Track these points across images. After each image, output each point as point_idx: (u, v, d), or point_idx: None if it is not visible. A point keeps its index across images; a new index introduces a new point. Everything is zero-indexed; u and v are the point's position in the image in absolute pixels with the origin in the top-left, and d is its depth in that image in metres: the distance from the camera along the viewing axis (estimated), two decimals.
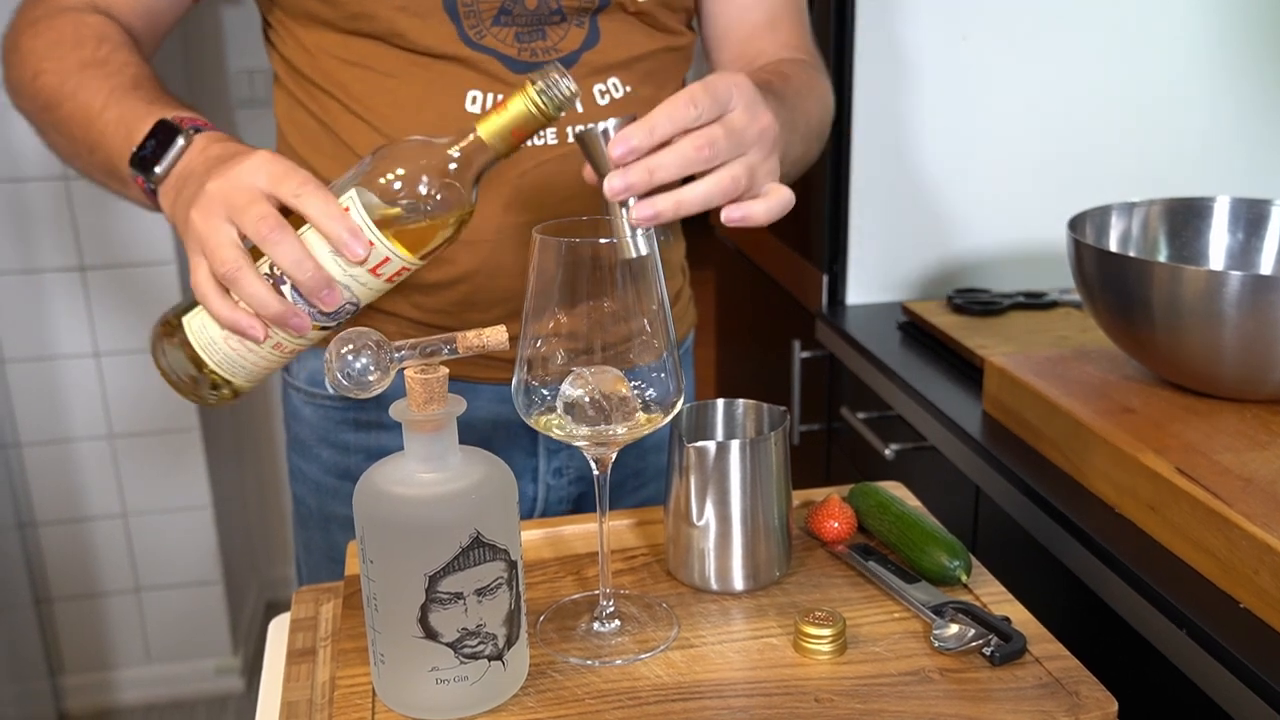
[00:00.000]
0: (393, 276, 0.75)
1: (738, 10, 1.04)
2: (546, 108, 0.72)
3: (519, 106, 0.72)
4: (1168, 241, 1.17)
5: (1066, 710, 0.66)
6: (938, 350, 1.34)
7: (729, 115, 0.74)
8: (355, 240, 0.72)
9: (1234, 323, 0.94)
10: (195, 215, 0.75)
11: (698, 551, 0.79)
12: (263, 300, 0.73)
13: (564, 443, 1.05)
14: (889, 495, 0.86)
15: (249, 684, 2.34)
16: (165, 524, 2.23)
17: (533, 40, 0.92)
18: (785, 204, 0.77)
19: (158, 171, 0.81)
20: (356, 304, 0.75)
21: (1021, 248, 1.54)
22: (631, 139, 0.71)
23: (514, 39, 0.92)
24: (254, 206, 0.73)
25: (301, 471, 1.10)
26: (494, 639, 0.66)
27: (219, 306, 0.74)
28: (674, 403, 0.71)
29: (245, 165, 0.75)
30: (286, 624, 0.85)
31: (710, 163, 0.73)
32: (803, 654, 0.71)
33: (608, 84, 0.95)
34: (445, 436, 0.65)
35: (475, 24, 0.91)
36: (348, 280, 0.73)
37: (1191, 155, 1.53)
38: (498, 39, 0.92)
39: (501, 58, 0.92)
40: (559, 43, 0.93)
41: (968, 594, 0.78)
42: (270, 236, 0.72)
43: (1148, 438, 0.93)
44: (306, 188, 0.73)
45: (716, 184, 0.74)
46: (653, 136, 0.71)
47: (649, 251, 0.70)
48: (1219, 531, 0.82)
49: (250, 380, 0.80)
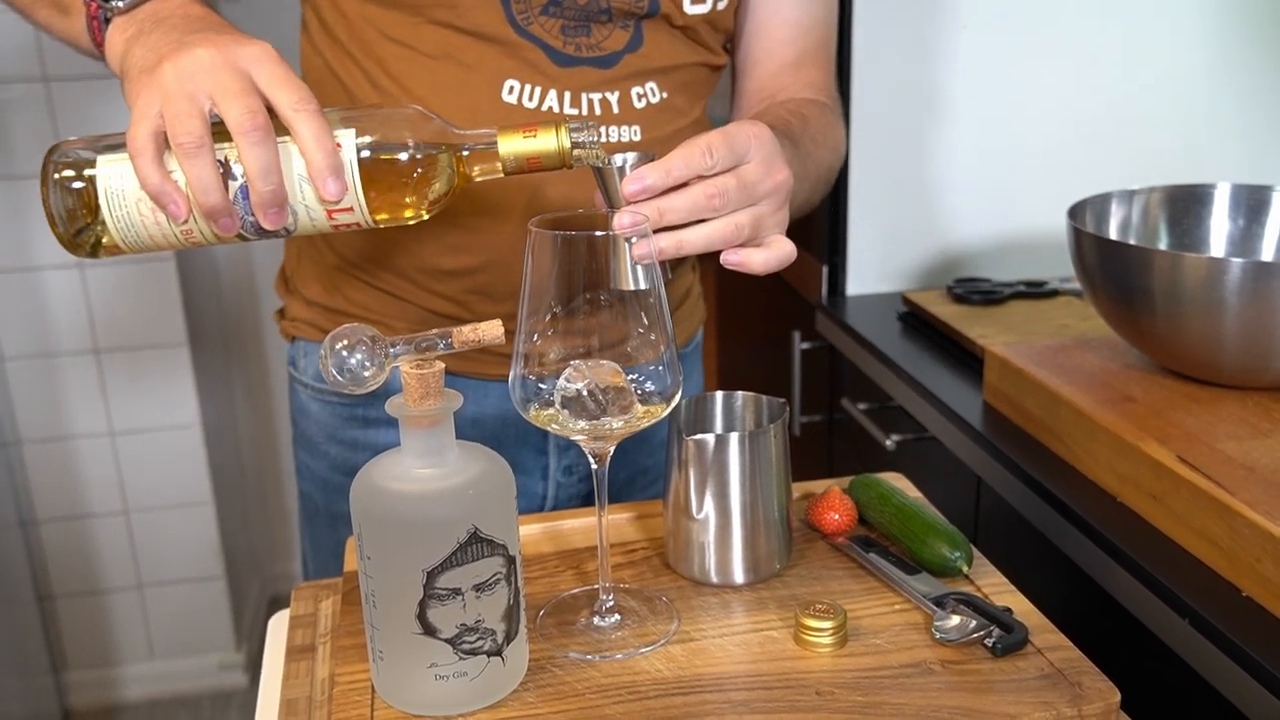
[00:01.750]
0: (340, 226, 0.73)
1: (771, 44, 1.04)
2: (569, 157, 0.73)
3: (548, 144, 0.72)
4: (1168, 229, 1.17)
5: (1069, 701, 0.65)
6: (938, 340, 1.34)
7: (744, 167, 0.76)
8: (335, 180, 0.70)
9: (1235, 310, 0.93)
10: (169, 71, 0.70)
11: (697, 545, 0.78)
12: (207, 187, 0.69)
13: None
14: (889, 486, 0.86)
15: (252, 679, 2.34)
16: (167, 520, 2.23)
17: (578, 35, 0.92)
18: (786, 258, 0.79)
19: (119, 3, 0.77)
20: (290, 231, 0.73)
21: (1021, 236, 1.54)
22: (646, 178, 0.73)
23: (560, 31, 0.91)
24: (246, 98, 0.70)
25: (308, 468, 1.10)
26: (493, 634, 0.66)
27: (149, 170, 0.69)
28: (672, 396, 0.70)
29: (246, 50, 0.72)
30: (286, 621, 0.85)
31: (719, 212, 0.75)
32: (803, 647, 0.71)
33: (645, 88, 0.95)
34: (442, 432, 0.65)
35: (524, 9, 0.90)
36: (299, 208, 0.72)
37: (1191, 142, 1.53)
38: (544, 29, 0.91)
39: (545, 47, 0.91)
40: (603, 41, 0.93)
41: (969, 585, 0.78)
42: (252, 135, 0.68)
43: (1149, 426, 0.93)
44: (307, 105, 0.70)
45: (719, 230, 0.76)
46: (667, 179, 0.73)
47: (648, 287, 0.71)
48: (1221, 520, 0.81)
49: (137, 249, 0.74)
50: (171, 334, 2.12)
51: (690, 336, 1.16)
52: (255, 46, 0.72)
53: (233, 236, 0.73)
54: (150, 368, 2.13)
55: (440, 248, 0.96)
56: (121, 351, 2.11)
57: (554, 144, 0.72)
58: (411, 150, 0.72)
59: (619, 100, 0.94)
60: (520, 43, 0.91)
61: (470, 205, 0.94)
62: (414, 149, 0.72)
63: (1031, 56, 1.47)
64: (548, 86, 0.92)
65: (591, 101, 0.93)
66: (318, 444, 1.08)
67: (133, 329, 2.11)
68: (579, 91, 0.93)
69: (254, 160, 0.69)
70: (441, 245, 0.96)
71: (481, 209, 0.94)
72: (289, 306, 1.09)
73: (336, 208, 0.72)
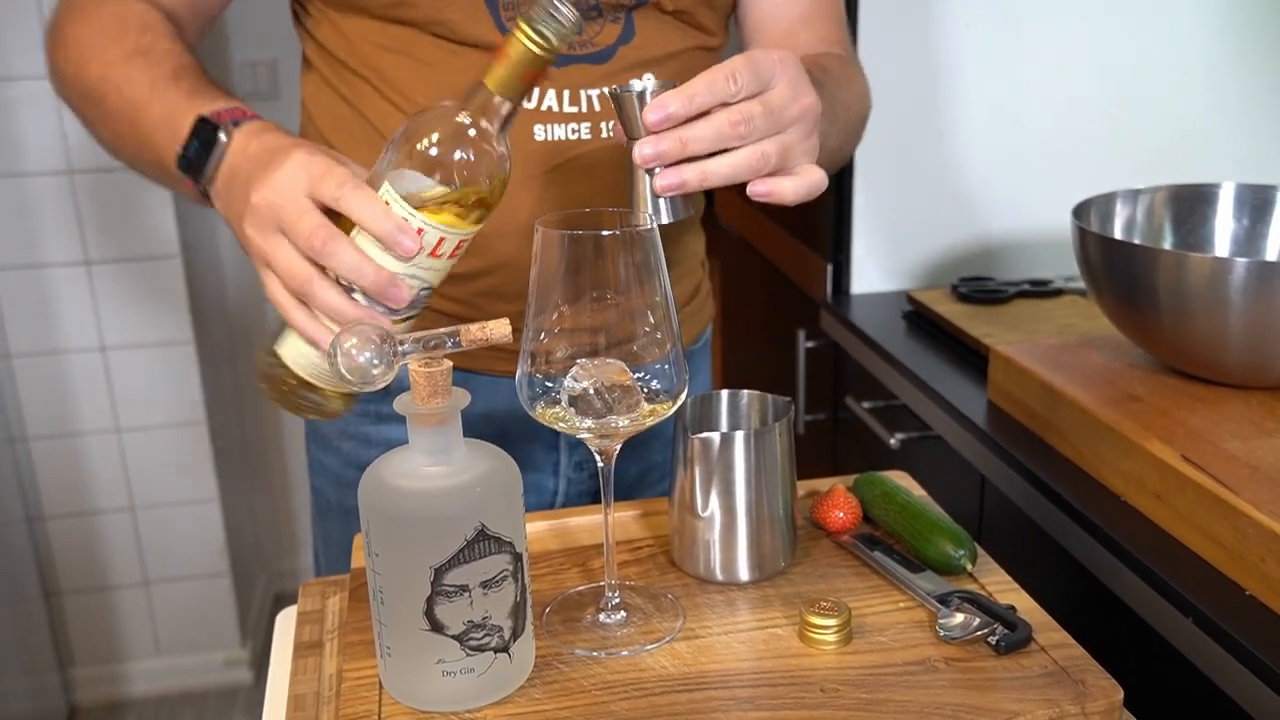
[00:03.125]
0: (454, 252, 0.74)
1: (775, 5, 1.03)
2: (546, 41, 0.69)
3: (517, 49, 0.70)
4: (1173, 228, 1.17)
5: (1072, 699, 0.66)
6: (942, 339, 1.34)
7: (769, 93, 0.73)
8: (404, 235, 0.71)
9: (1240, 309, 0.93)
10: (250, 232, 0.75)
11: (703, 542, 0.79)
12: (338, 309, 0.72)
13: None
14: (894, 485, 0.86)
15: (258, 676, 2.35)
16: (173, 517, 2.23)
17: None
18: (816, 185, 0.76)
19: (205, 174, 0.81)
20: (430, 287, 0.75)
21: (1026, 235, 1.54)
22: (669, 106, 0.70)
23: None
24: (303, 220, 0.72)
25: (321, 464, 1.11)
26: (500, 631, 0.66)
27: (300, 319, 0.74)
28: (678, 394, 0.71)
29: (284, 171, 0.74)
30: (293, 617, 0.85)
31: (744, 140, 0.72)
32: (808, 644, 0.72)
33: (644, 80, 0.95)
34: (450, 430, 0.65)
35: (513, 15, 0.91)
36: (411, 270, 0.73)
37: (1196, 142, 1.53)
38: None
39: None
40: (595, 37, 0.93)
41: (973, 583, 0.78)
42: (324, 250, 0.71)
43: (1154, 425, 0.93)
44: (345, 187, 0.72)
45: (745, 159, 0.72)
46: (690, 105, 0.70)
47: (669, 219, 0.69)
48: (1226, 519, 0.82)
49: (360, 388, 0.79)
50: (178, 331, 2.13)
51: (699, 334, 1.16)
52: (291, 160, 0.74)
53: (396, 325, 0.75)
54: (156, 364, 2.14)
55: None
56: (128, 348, 2.12)
57: (520, 43, 0.70)
58: (444, 156, 0.72)
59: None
60: None
61: None
62: (444, 153, 0.72)
63: (1036, 55, 1.47)
64: (545, 86, 0.92)
65: (590, 98, 0.93)
66: (330, 439, 1.08)
67: (139, 326, 2.11)
68: (577, 89, 0.93)
69: (340, 267, 0.71)
70: None
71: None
72: None
73: (431, 248, 0.72)
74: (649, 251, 0.68)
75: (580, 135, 0.94)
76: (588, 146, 0.94)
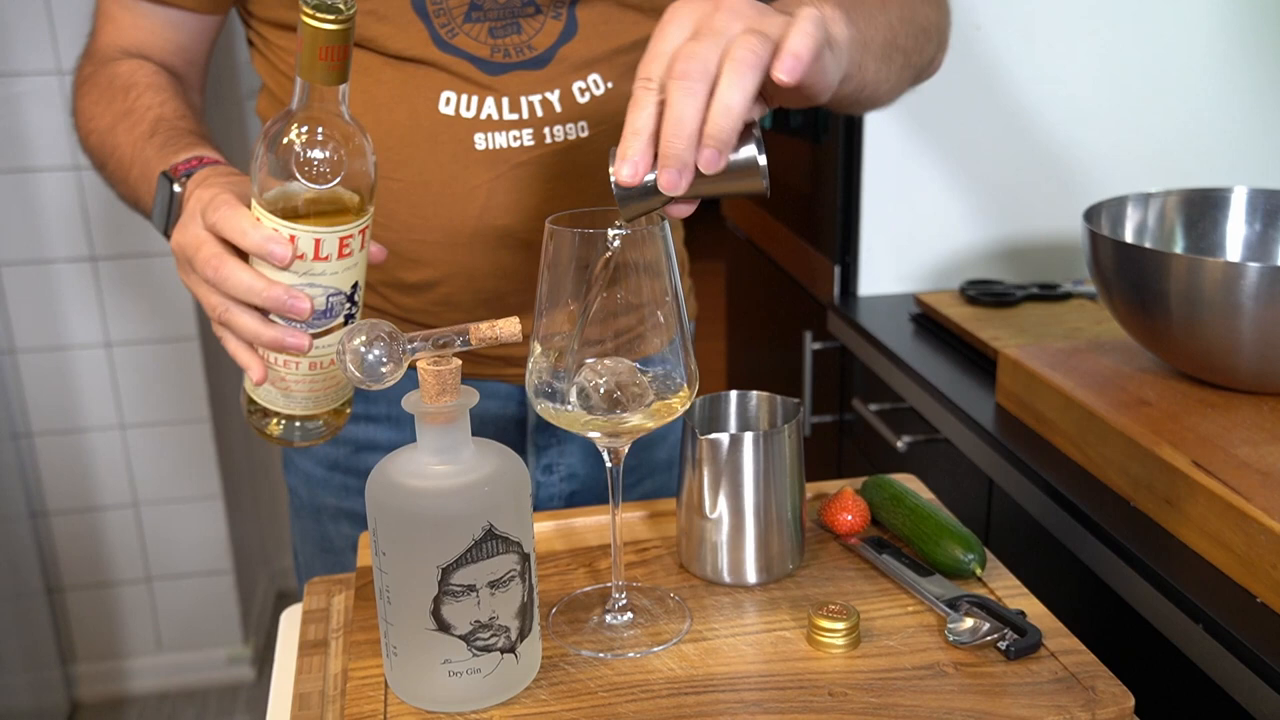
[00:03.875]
0: (346, 251, 0.73)
1: None
2: (325, 12, 0.67)
3: (305, 30, 0.68)
4: (1184, 233, 1.16)
5: (1083, 705, 0.65)
6: (950, 342, 1.34)
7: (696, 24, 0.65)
8: (274, 245, 0.71)
9: (1252, 314, 0.93)
10: (179, 275, 0.78)
11: (710, 544, 0.78)
12: (255, 333, 0.74)
13: (553, 440, 1.05)
14: (902, 488, 0.85)
15: (260, 673, 2.35)
16: (176, 514, 2.23)
17: (506, 35, 0.90)
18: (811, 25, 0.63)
19: (168, 228, 0.82)
20: (341, 291, 0.74)
21: (1035, 239, 1.53)
22: (630, 155, 0.64)
23: (487, 34, 0.90)
24: (200, 251, 0.73)
25: (293, 463, 1.11)
26: (506, 631, 0.66)
27: (233, 348, 0.76)
28: (687, 395, 0.70)
29: (187, 210, 0.76)
30: (298, 615, 0.85)
31: (705, 76, 0.62)
32: (816, 647, 0.71)
33: (588, 81, 0.93)
34: (458, 429, 0.65)
35: (446, 22, 0.89)
36: (307, 279, 0.73)
37: (1208, 146, 1.52)
38: (470, 36, 0.90)
39: (473, 59, 0.90)
40: (533, 38, 0.91)
41: (982, 587, 0.78)
42: (215, 277, 0.72)
43: (1164, 430, 0.93)
44: (219, 212, 0.73)
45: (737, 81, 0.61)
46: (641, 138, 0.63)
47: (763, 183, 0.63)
48: (1236, 526, 0.81)
49: (337, 402, 0.81)
50: (182, 327, 2.13)
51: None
52: (189, 203, 0.76)
53: (320, 338, 0.75)
54: (161, 361, 2.14)
55: (401, 262, 0.96)
56: (132, 345, 2.12)
57: (307, 25, 0.68)
58: (294, 159, 0.71)
59: (560, 98, 0.92)
60: (447, 60, 0.90)
61: (423, 222, 0.94)
62: (293, 156, 0.71)
63: (1046, 57, 1.47)
64: (484, 95, 0.91)
65: (532, 104, 0.92)
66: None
67: (144, 322, 2.11)
68: (517, 96, 0.91)
69: (233, 292, 0.72)
70: (402, 260, 0.96)
71: (434, 224, 0.94)
72: None
73: (316, 252, 0.72)
74: (659, 249, 0.68)
75: (523, 142, 0.92)
76: (532, 153, 0.93)
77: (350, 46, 0.69)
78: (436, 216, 0.93)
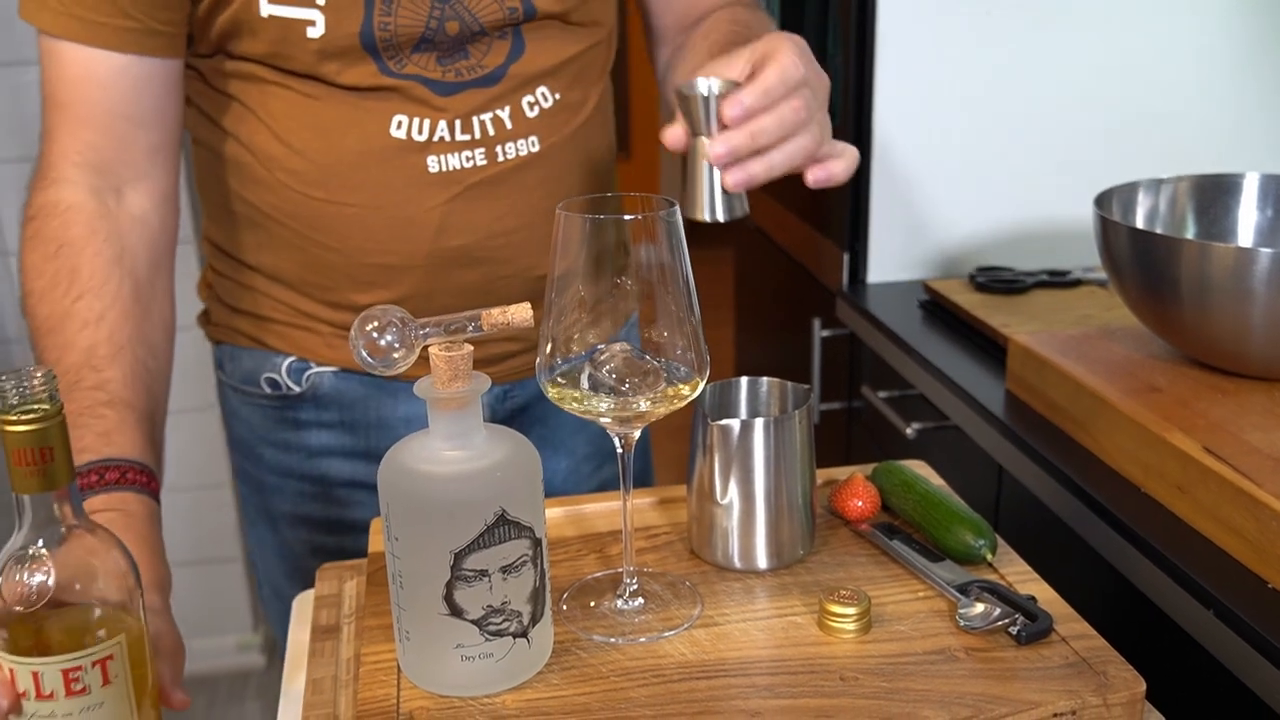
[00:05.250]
0: (77, 687, 0.60)
1: None
2: (7, 414, 0.58)
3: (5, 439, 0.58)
4: (1195, 218, 1.16)
5: (1094, 690, 0.65)
6: (960, 329, 1.33)
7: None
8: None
9: (1263, 300, 0.92)
10: None
11: (721, 530, 0.78)
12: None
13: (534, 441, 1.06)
14: (913, 474, 0.85)
15: (270, 660, 2.36)
16: (186, 502, 2.24)
17: (455, 60, 0.90)
18: (855, 159, 0.81)
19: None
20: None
21: (1045, 225, 1.53)
22: (746, 100, 0.72)
23: (436, 63, 0.90)
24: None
25: (245, 470, 1.10)
26: (519, 616, 0.66)
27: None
28: (699, 380, 0.70)
29: None
30: (310, 600, 0.85)
31: (802, 126, 0.74)
32: (827, 633, 0.71)
33: (536, 94, 0.94)
34: (470, 414, 0.65)
35: (395, 55, 0.89)
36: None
37: (1220, 131, 1.52)
38: (419, 65, 0.90)
39: (425, 81, 0.90)
40: (483, 59, 0.91)
41: (993, 573, 0.78)
42: None
43: (1175, 417, 0.93)
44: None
45: (801, 145, 0.76)
46: (766, 100, 0.72)
47: (727, 218, 0.71)
48: (1248, 512, 0.81)
49: None
50: (191, 316, 2.12)
51: None
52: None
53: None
54: None
55: (355, 285, 0.96)
56: None
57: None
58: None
59: (510, 114, 0.93)
60: (400, 84, 0.90)
61: (377, 246, 0.93)
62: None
63: (1056, 43, 1.46)
64: (436, 118, 0.91)
65: (483, 122, 0.92)
66: (251, 446, 1.07)
67: None
68: (469, 116, 0.92)
69: None
70: (357, 283, 0.96)
71: (389, 248, 0.94)
72: (213, 311, 1.08)
73: (37, 693, 0.60)
74: (670, 236, 0.68)
75: (475, 162, 0.93)
76: (485, 172, 0.93)
77: (54, 448, 0.58)
78: (392, 240, 0.93)
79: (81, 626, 0.61)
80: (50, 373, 0.58)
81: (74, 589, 0.61)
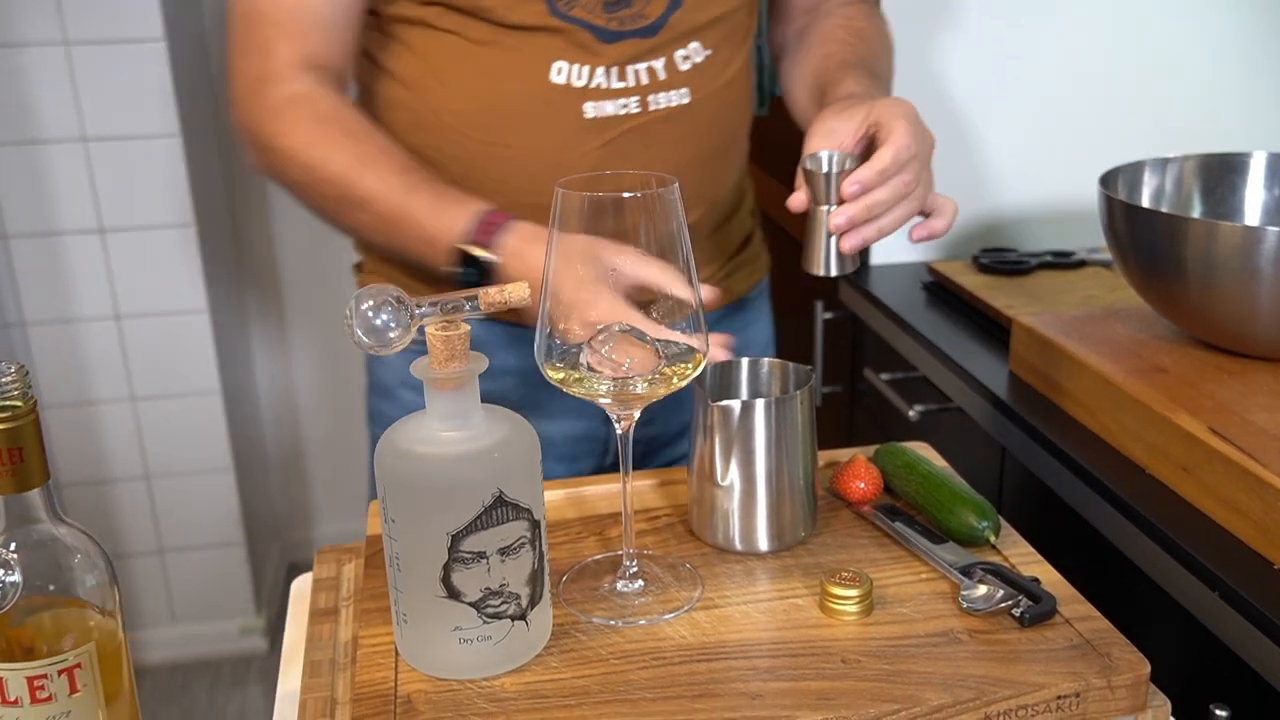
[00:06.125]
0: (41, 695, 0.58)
1: None
2: None
3: None
4: (1201, 198, 1.15)
5: (1098, 672, 0.65)
6: (963, 310, 1.32)
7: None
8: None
9: (1270, 280, 0.92)
10: None
11: (722, 512, 0.78)
12: None
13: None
14: (916, 455, 0.85)
15: (272, 644, 2.36)
16: (188, 486, 2.24)
17: (620, 9, 0.93)
18: (956, 214, 0.91)
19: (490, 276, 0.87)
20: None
21: (1049, 206, 1.52)
22: (864, 179, 0.82)
23: (602, 9, 0.93)
24: None
25: (383, 413, 1.12)
26: (517, 599, 0.65)
27: None
28: (698, 361, 0.70)
29: None
30: (308, 583, 0.85)
31: (913, 197, 0.85)
32: (829, 615, 0.71)
33: (689, 48, 0.97)
34: (467, 395, 0.64)
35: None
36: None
37: (1226, 110, 1.50)
38: (585, 9, 0.92)
39: (589, 27, 0.93)
40: (645, 9, 0.94)
41: (996, 555, 0.77)
42: None
43: (1180, 397, 0.92)
44: None
45: (908, 210, 0.86)
46: (882, 179, 0.82)
47: (839, 273, 0.85)
48: (1254, 492, 0.80)
49: None
50: (193, 299, 2.12)
51: (755, 283, 1.19)
52: None
53: None
54: (172, 333, 2.13)
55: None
56: (143, 317, 2.12)
57: None
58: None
59: (665, 66, 0.96)
60: (565, 27, 0.92)
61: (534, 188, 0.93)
62: None
63: (1060, 21, 1.45)
64: (595, 64, 0.93)
65: (637, 72, 0.95)
66: (392, 389, 1.09)
67: (154, 294, 2.11)
68: (625, 65, 0.94)
69: None
70: None
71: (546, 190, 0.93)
72: (366, 261, 1.10)
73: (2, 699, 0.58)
74: (670, 215, 0.67)
75: (629, 110, 0.95)
76: (637, 120, 0.96)
77: (26, 448, 0.57)
78: (549, 183, 0.94)
79: (54, 630, 0.59)
80: (23, 369, 0.57)
81: (47, 591, 0.59)
